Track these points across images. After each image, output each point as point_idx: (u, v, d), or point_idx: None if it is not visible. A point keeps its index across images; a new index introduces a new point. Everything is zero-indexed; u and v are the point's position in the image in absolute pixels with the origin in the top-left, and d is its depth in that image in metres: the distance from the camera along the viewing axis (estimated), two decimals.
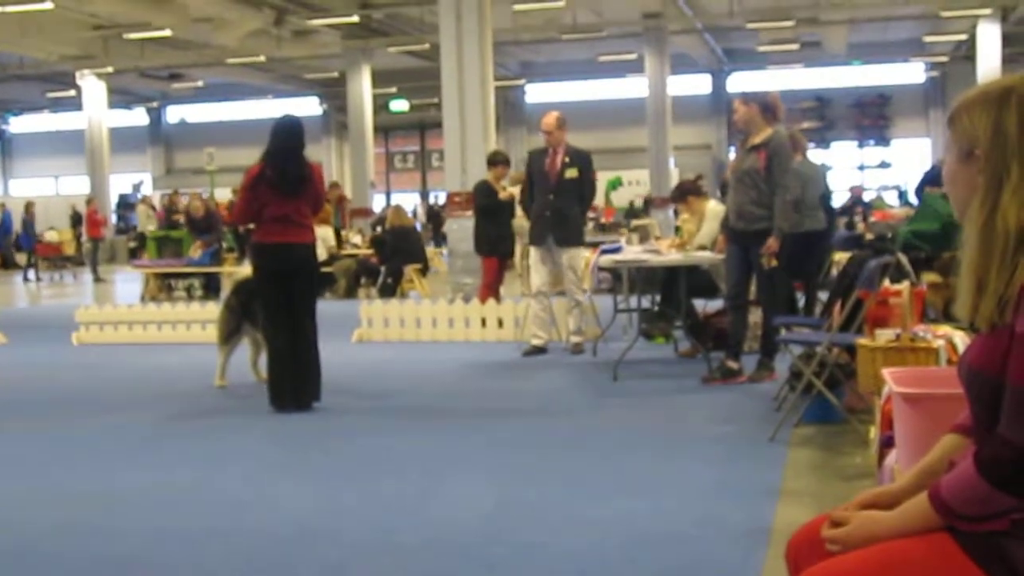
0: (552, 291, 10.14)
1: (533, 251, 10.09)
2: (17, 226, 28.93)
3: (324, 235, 15.52)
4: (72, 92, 33.26)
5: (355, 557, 4.32)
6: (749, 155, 7.80)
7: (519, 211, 12.02)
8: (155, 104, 42.33)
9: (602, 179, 25.20)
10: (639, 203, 29.28)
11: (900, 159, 37.01)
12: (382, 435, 6.75)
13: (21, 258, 27.56)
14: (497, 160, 11.81)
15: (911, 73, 36.53)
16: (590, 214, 14.11)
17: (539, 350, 9.93)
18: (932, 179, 12.62)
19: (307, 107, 39.66)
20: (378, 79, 30.82)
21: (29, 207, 27.05)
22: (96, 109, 32.11)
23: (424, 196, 39.69)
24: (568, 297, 10.02)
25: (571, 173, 9.81)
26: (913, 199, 22.27)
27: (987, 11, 26.34)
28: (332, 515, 4.92)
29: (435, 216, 32.34)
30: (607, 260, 9.00)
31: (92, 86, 31.75)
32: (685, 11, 27.27)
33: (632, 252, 9.05)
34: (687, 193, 10.29)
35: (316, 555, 4.32)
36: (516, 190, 12.02)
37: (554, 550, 4.29)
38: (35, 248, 26.65)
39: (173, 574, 4.19)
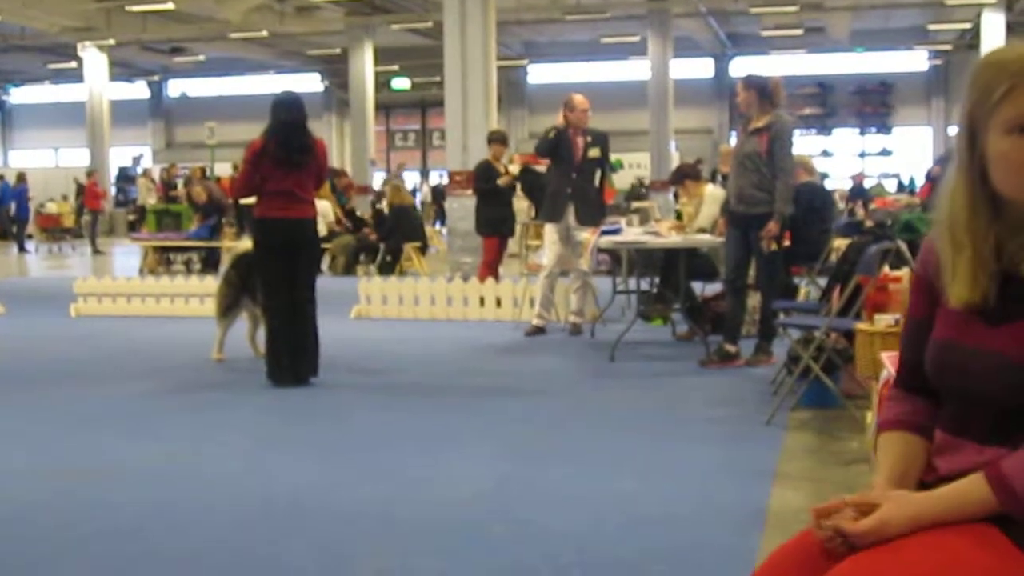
0: (560, 270, 10.10)
1: (550, 228, 10.01)
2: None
3: (324, 210, 15.50)
4: (73, 64, 33.13)
5: (351, 532, 4.33)
6: (751, 138, 7.78)
7: (520, 191, 12.00)
8: (156, 77, 42.18)
9: None
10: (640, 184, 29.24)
11: (901, 147, 36.97)
12: (379, 411, 6.76)
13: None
14: (493, 139, 11.82)
15: (914, 61, 36.42)
16: None
17: (539, 330, 9.93)
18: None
19: (308, 83, 39.52)
20: (380, 56, 30.73)
21: (20, 178, 27.02)
22: (97, 81, 32.00)
23: (425, 174, 39.63)
24: (575, 275, 9.98)
25: (594, 152, 9.77)
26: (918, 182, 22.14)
27: (992, 0, 26.27)
28: (329, 490, 4.93)
29: (439, 195, 32.23)
30: (607, 241, 8.99)
31: (93, 58, 31.63)
32: None
33: (632, 234, 9.04)
34: (685, 177, 10.29)
35: (312, 530, 4.33)
36: (516, 167, 12.00)
37: (551, 529, 4.30)
38: (26, 219, 26.65)
39: (168, 547, 4.20)
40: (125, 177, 37.01)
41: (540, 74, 39.29)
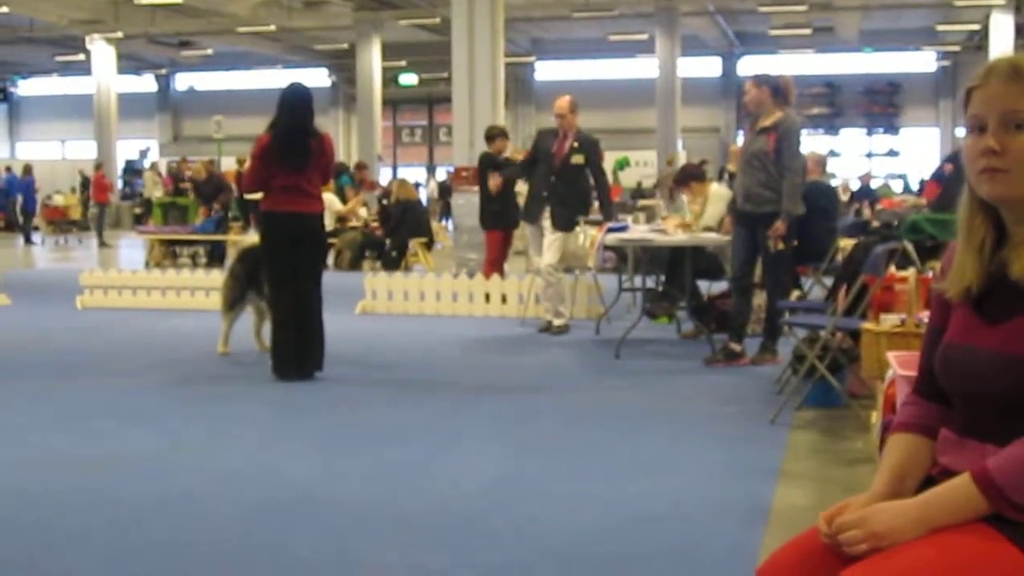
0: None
1: (529, 230, 10.06)
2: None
3: (329, 202, 15.46)
4: (81, 56, 33.20)
5: (355, 526, 4.33)
6: (758, 137, 7.77)
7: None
8: (164, 71, 42.23)
9: (610, 159, 25.18)
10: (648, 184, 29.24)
11: (909, 148, 36.93)
12: (384, 406, 6.77)
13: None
14: (493, 134, 11.78)
15: (922, 62, 36.37)
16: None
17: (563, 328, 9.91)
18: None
19: (316, 78, 39.53)
20: (388, 52, 30.77)
21: (27, 170, 27.09)
22: (105, 74, 32.07)
23: (432, 170, 39.63)
24: (540, 275, 9.91)
25: (577, 159, 9.69)
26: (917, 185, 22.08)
27: (1001, 1, 26.25)
28: (333, 484, 4.94)
29: (446, 191, 32.19)
30: (613, 239, 8.98)
31: (101, 51, 31.69)
32: None
33: (638, 231, 9.04)
34: (690, 178, 10.27)
35: (316, 523, 4.33)
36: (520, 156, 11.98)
37: (554, 525, 4.30)
38: (33, 211, 26.73)
39: (170, 539, 4.20)
40: (132, 170, 37.08)
41: (547, 71, 39.27)
